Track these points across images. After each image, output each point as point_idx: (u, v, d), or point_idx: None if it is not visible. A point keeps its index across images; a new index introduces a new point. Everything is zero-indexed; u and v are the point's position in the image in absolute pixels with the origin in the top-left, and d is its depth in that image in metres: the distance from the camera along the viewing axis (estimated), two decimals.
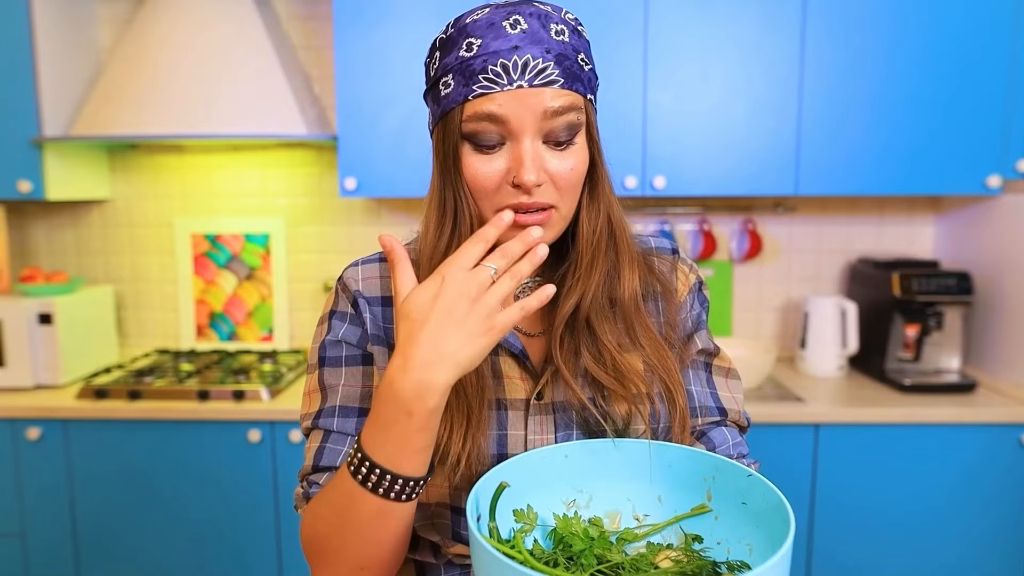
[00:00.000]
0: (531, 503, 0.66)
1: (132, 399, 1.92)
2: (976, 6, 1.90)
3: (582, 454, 0.68)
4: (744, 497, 0.62)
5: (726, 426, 0.77)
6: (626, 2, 1.93)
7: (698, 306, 0.80)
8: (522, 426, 0.71)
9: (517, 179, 0.66)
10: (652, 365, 0.72)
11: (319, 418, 0.73)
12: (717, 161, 1.98)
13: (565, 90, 0.67)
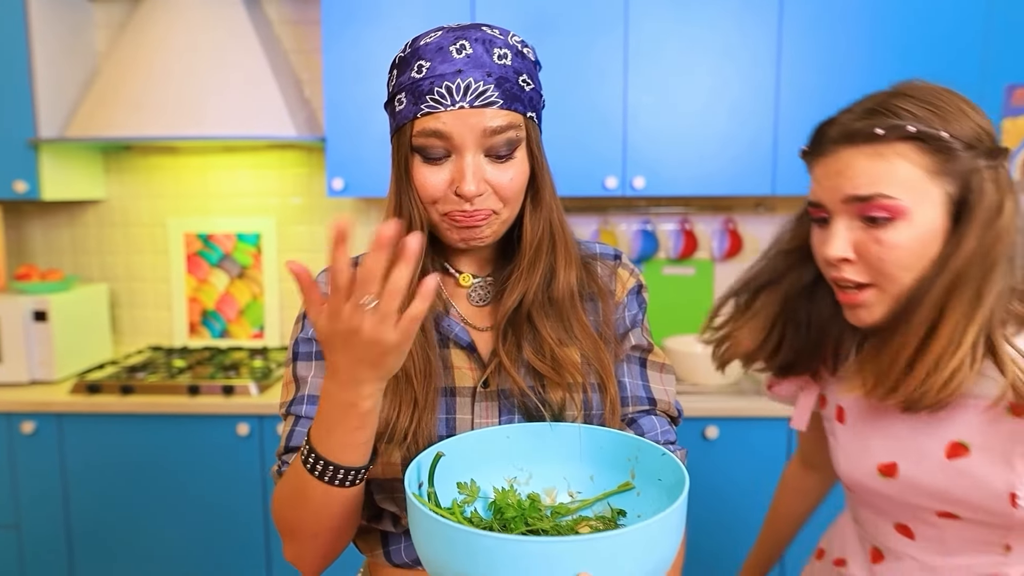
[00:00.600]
0: (475, 478, 0.71)
1: (124, 394, 1.98)
2: (947, 12, 1.95)
3: (523, 436, 0.73)
4: (660, 474, 0.68)
5: (655, 415, 0.82)
6: (607, 8, 1.98)
7: (636, 306, 0.86)
8: (469, 411, 0.77)
9: (459, 190, 0.72)
10: (587, 357, 0.77)
11: (292, 405, 0.80)
12: (696, 162, 2.02)
13: (504, 110, 0.73)
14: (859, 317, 0.80)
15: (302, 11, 2.32)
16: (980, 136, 0.75)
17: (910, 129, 0.73)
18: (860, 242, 0.76)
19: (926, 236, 0.74)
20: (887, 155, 0.74)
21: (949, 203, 0.74)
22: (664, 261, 2.37)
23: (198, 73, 2.06)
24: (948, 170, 0.73)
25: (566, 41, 1.99)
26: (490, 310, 0.82)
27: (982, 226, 0.73)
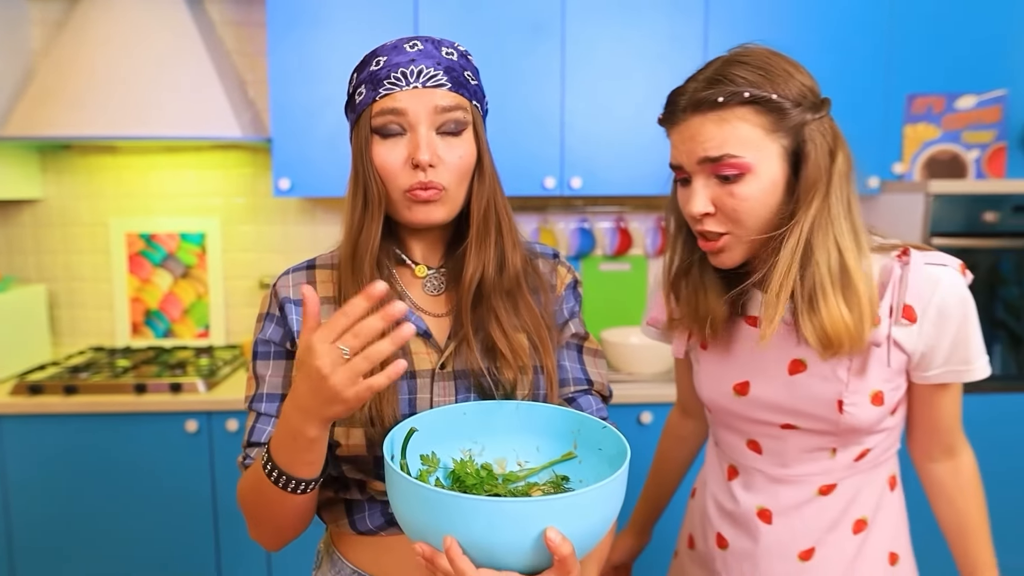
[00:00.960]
0: (435, 451, 0.79)
1: (68, 394, 1.97)
2: (853, 29, 2.12)
3: (477, 412, 0.82)
4: (600, 444, 0.77)
5: (591, 394, 0.93)
6: (544, 18, 2.08)
7: (573, 300, 0.96)
8: (428, 391, 0.85)
9: (415, 159, 0.80)
10: (534, 342, 0.87)
11: (253, 401, 0.88)
12: (630, 163, 2.15)
13: (452, 92, 0.83)
14: (721, 261, 0.91)
15: (245, 13, 2.34)
16: (805, 94, 0.85)
17: (745, 95, 0.83)
18: (716, 196, 0.86)
19: (770, 186, 0.85)
20: (729, 119, 0.84)
21: (786, 155, 0.85)
22: (601, 258, 2.49)
23: (141, 73, 2.06)
24: (781, 126, 0.84)
25: (506, 49, 2.09)
26: (444, 298, 0.90)
27: (820, 170, 0.84)
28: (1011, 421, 2.13)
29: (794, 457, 0.98)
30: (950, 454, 0.99)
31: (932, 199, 2.03)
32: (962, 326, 0.89)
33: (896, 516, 1.01)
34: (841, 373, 0.91)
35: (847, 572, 0.98)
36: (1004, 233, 2.06)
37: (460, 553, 0.61)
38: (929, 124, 2.20)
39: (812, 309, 0.85)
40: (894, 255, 0.90)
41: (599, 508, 0.66)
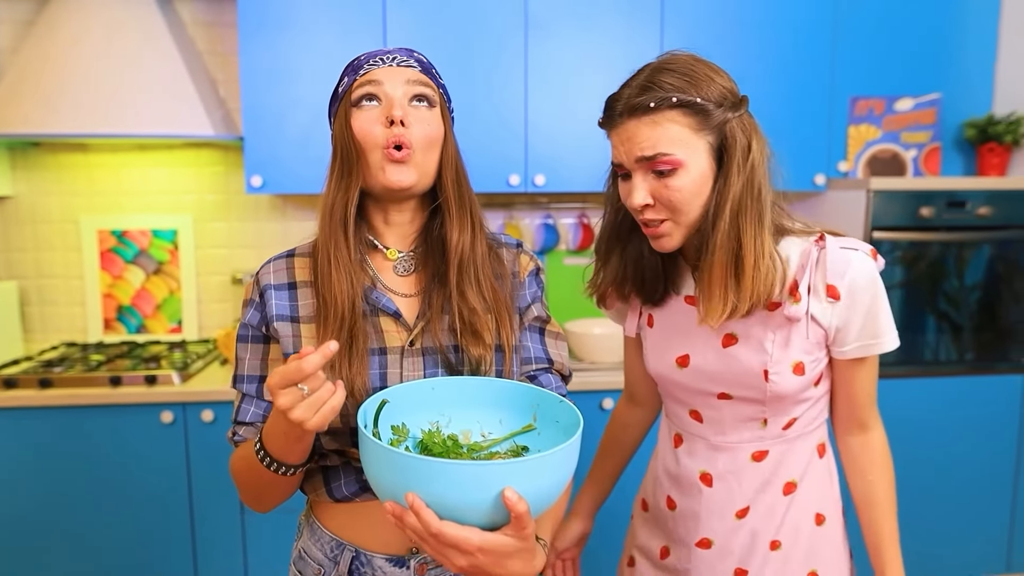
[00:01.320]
0: (405, 422, 0.87)
1: (43, 387, 2.00)
2: (802, 41, 2.25)
3: (444, 387, 0.90)
4: (557, 417, 0.86)
5: (551, 373, 1.01)
6: (509, 23, 2.17)
7: (535, 286, 1.04)
8: (399, 366, 0.93)
9: (390, 116, 0.90)
10: (497, 323, 0.95)
11: (236, 382, 0.96)
12: (591, 160, 2.25)
13: (423, 75, 0.94)
14: (662, 245, 1.01)
15: (216, 13, 2.39)
16: (725, 95, 0.96)
17: (673, 99, 0.93)
18: (654, 189, 0.97)
19: (700, 178, 0.96)
20: (661, 121, 0.94)
21: (711, 150, 0.96)
22: (564, 252, 2.59)
23: (112, 71, 2.10)
24: (706, 126, 0.95)
25: (472, 51, 2.17)
26: (414, 280, 0.98)
27: (740, 162, 0.95)
28: (957, 402, 2.29)
29: (730, 426, 1.09)
30: (863, 429, 1.10)
31: (873, 195, 2.17)
32: (872, 304, 1.00)
33: (823, 481, 1.12)
34: (767, 345, 1.01)
35: (777, 529, 1.09)
36: (939, 227, 2.21)
37: (424, 506, 0.69)
38: (871, 125, 2.34)
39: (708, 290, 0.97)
40: (812, 240, 1.01)
41: (553, 471, 0.74)
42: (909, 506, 2.32)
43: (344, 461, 0.94)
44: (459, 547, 0.70)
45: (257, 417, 0.95)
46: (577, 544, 1.33)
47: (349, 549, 0.94)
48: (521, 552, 0.73)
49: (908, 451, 2.29)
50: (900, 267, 2.22)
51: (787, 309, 1.00)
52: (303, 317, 0.94)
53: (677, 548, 1.16)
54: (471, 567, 0.72)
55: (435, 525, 0.69)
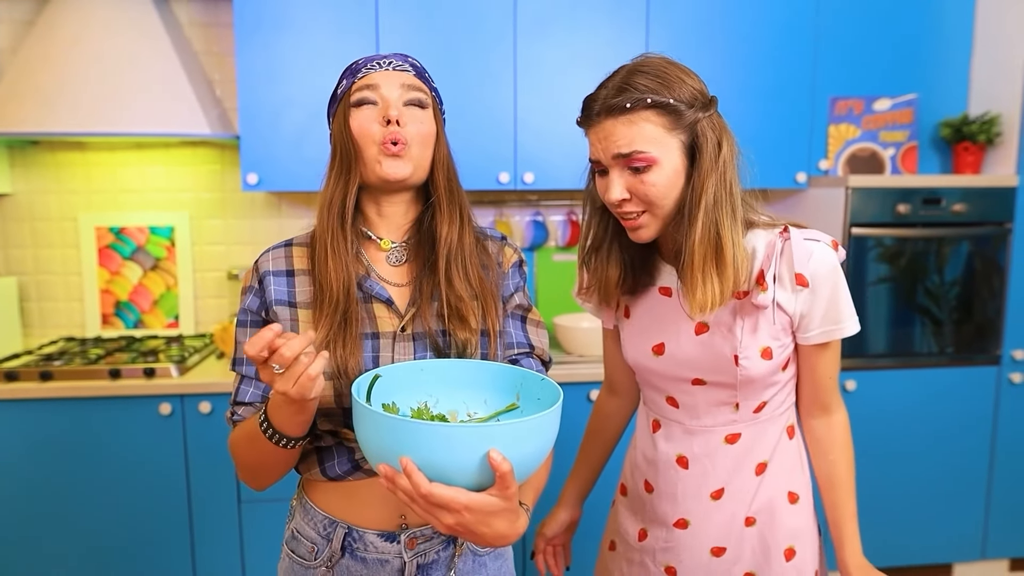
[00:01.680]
0: (395, 401, 0.93)
1: (44, 380, 2.05)
2: (785, 44, 2.32)
3: (433, 369, 0.96)
4: (539, 395, 0.92)
5: (532, 357, 1.07)
6: (498, 25, 2.23)
7: (518, 276, 1.11)
8: (391, 350, 0.99)
9: (386, 116, 0.97)
10: (483, 310, 1.02)
11: (235, 364, 1.02)
12: (579, 159, 2.29)
13: (416, 78, 1.01)
14: (640, 236, 1.07)
15: (212, 14, 2.44)
16: (696, 96, 1.02)
17: (648, 100, 1.00)
18: (630, 184, 1.03)
19: (673, 174, 1.02)
20: (636, 121, 1.00)
21: (683, 148, 1.02)
22: (553, 249, 2.65)
23: (110, 71, 2.15)
24: (678, 125, 1.01)
25: (463, 52, 2.23)
26: (406, 269, 1.04)
27: (711, 159, 1.02)
28: (937, 393, 2.37)
29: (704, 410, 1.15)
30: (826, 411, 1.16)
31: (852, 192, 2.24)
32: (833, 291, 1.06)
33: (793, 461, 1.18)
34: (737, 332, 1.08)
35: (750, 506, 1.15)
36: (916, 223, 2.28)
37: (415, 468, 0.75)
38: (850, 124, 2.41)
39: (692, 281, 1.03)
40: (777, 232, 1.07)
41: (535, 437, 0.80)
42: (888, 494, 2.39)
43: (337, 442, 1.00)
44: (447, 506, 0.76)
45: (256, 397, 1.00)
46: (566, 531, 1.38)
47: (342, 526, 0.99)
48: (505, 512, 0.79)
49: (889, 440, 2.37)
50: (882, 263, 2.29)
51: (755, 297, 1.06)
52: (300, 303, 1.00)
53: (655, 529, 1.22)
54: (458, 525, 0.78)
55: (425, 486, 0.74)
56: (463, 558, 1.01)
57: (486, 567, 1.04)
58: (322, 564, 1.00)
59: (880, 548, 2.41)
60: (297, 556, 1.02)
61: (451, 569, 1.00)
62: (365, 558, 0.98)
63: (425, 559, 0.99)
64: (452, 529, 0.78)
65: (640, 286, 1.18)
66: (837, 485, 1.17)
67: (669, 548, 1.19)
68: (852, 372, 2.31)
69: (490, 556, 1.05)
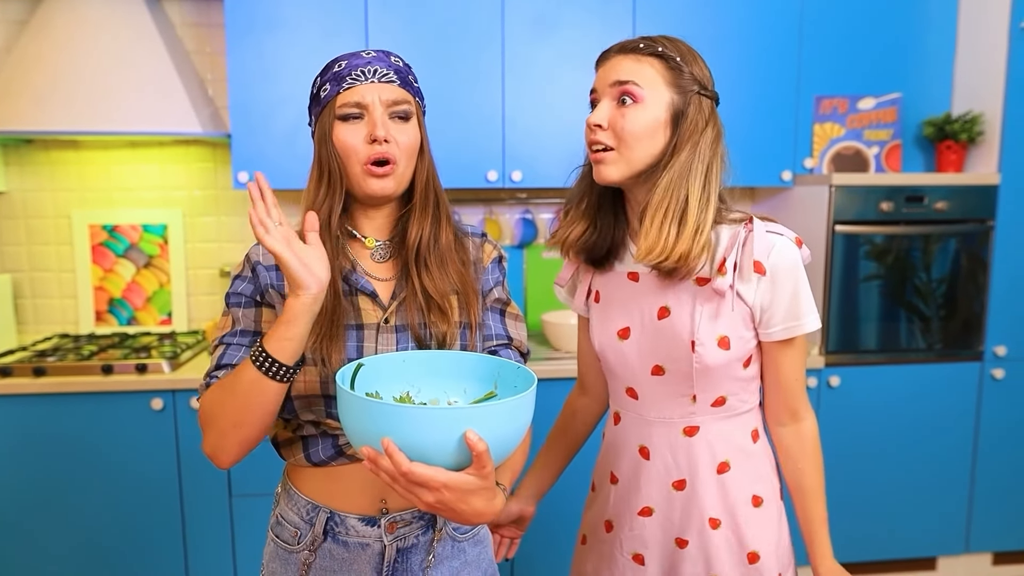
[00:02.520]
0: (379, 390, 0.96)
1: (37, 376, 2.08)
2: (770, 43, 2.35)
3: (414, 359, 0.98)
4: (516, 383, 0.95)
5: (511, 348, 1.11)
6: (486, 25, 2.26)
7: (498, 272, 1.14)
8: (374, 341, 1.02)
9: (373, 135, 0.99)
10: (462, 303, 1.05)
11: (226, 336, 1.03)
12: (566, 157, 2.34)
13: (401, 88, 1.02)
14: (603, 173, 1.10)
15: (204, 14, 2.46)
16: (701, 76, 1.09)
17: (659, 49, 1.08)
18: (612, 117, 1.08)
19: (653, 122, 1.07)
20: (641, 60, 1.07)
21: (672, 107, 1.07)
22: (543, 246, 2.68)
23: (102, 70, 2.18)
24: (676, 83, 1.07)
25: (451, 52, 2.26)
26: (390, 265, 1.08)
27: (693, 128, 1.07)
28: (922, 388, 2.41)
29: (662, 401, 1.17)
30: (795, 418, 1.18)
31: (835, 190, 2.27)
32: (794, 286, 1.09)
33: (758, 464, 1.19)
34: (696, 318, 1.11)
35: (712, 504, 1.17)
36: (899, 221, 2.32)
37: (397, 449, 0.78)
38: (835, 123, 2.45)
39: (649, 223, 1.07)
40: (743, 224, 1.11)
41: (510, 419, 0.83)
42: (872, 488, 2.43)
43: (320, 431, 1.03)
44: (427, 484, 0.79)
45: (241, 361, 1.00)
46: (515, 524, 1.35)
47: (324, 510, 1.02)
48: (482, 490, 0.82)
49: (874, 435, 2.40)
50: (868, 260, 2.32)
51: (714, 283, 1.09)
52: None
53: (620, 519, 1.24)
54: (438, 503, 0.81)
55: (406, 465, 0.78)
56: (442, 543, 1.04)
57: (465, 552, 1.07)
58: (305, 548, 1.02)
59: (864, 542, 2.44)
60: (281, 541, 1.05)
61: (430, 553, 1.03)
62: (347, 542, 1.01)
63: (405, 543, 1.02)
64: (432, 507, 0.81)
65: (608, 259, 1.21)
66: (807, 493, 1.18)
67: (635, 536, 1.21)
68: (837, 368, 2.34)
69: (469, 542, 1.08)
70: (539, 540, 2.25)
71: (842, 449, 2.37)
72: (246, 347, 1.02)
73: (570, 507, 1.50)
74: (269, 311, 1.04)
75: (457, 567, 1.06)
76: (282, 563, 1.04)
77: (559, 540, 2.22)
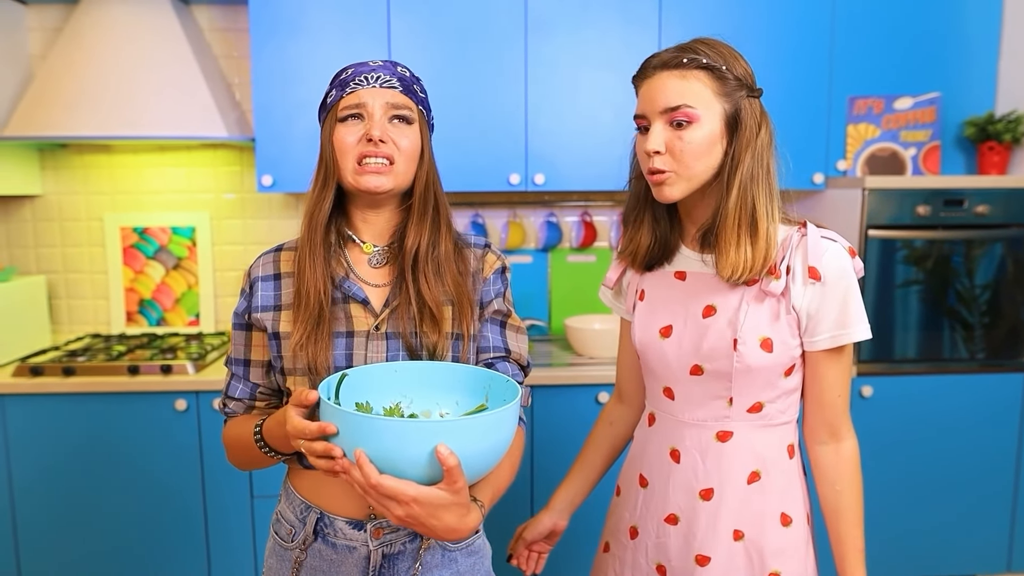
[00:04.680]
0: (369, 400, 0.95)
1: (66, 375, 2.13)
2: (801, 42, 2.28)
3: (406, 370, 0.97)
4: (505, 396, 0.93)
5: (508, 361, 1.09)
6: (509, 26, 2.24)
7: (500, 283, 1.12)
8: (364, 348, 1.02)
9: (369, 133, 0.99)
10: (456, 314, 1.04)
11: (228, 362, 1.10)
12: (589, 159, 2.30)
13: (402, 95, 1.02)
14: (663, 193, 1.08)
15: (231, 19, 2.49)
16: (746, 77, 1.07)
17: (703, 61, 1.05)
18: (669, 140, 1.06)
19: (710, 137, 1.05)
20: (688, 77, 1.05)
21: (725, 117, 1.06)
22: (568, 250, 2.65)
23: (133, 76, 2.22)
24: (725, 93, 1.05)
25: (474, 53, 2.24)
26: (385, 271, 1.07)
27: (750, 134, 1.05)
28: (965, 400, 2.31)
29: (698, 403, 1.15)
30: (836, 437, 1.13)
31: (868, 193, 2.19)
32: (845, 294, 1.06)
33: (791, 481, 1.15)
34: (740, 316, 1.08)
35: (739, 517, 1.13)
36: (937, 225, 2.22)
37: (367, 460, 0.78)
38: (870, 124, 2.36)
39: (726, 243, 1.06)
40: (796, 228, 1.09)
41: (486, 434, 0.82)
42: (911, 502, 2.33)
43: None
44: (396, 498, 0.79)
45: (245, 394, 1.07)
46: (547, 538, 1.34)
47: (315, 511, 1.04)
48: (454, 506, 0.81)
49: (914, 447, 2.31)
50: (907, 265, 2.23)
51: (766, 284, 1.07)
52: (285, 305, 1.05)
53: (645, 524, 1.21)
54: (408, 517, 0.80)
55: (375, 477, 0.77)
56: (430, 551, 1.03)
57: (457, 562, 1.05)
58: (297, 546, 1.04)
59: (903, 558, 2.35)
60: (279, 537, 1.08)
61: (417, 561, 1.02)
62: (335, 543, 1.02)
63: (391, 549, 1.02)
64: (403, 521, 0.81)
65: (658, 264, 1.20)
66: (842, 516, 1.13)
67: (660, 544, 1.19)
68: (870, 378, 2.26)
69: (462, 552, 1.06)
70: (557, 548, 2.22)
71: (876, 462, 2.28)
72: (244, 380, 1.08)
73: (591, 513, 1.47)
74: (259, 335, 1.07)
75: None
76: (278, 559, 1.07)
77: (579, 547, 2.19)
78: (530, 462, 2.20)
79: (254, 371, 1.07)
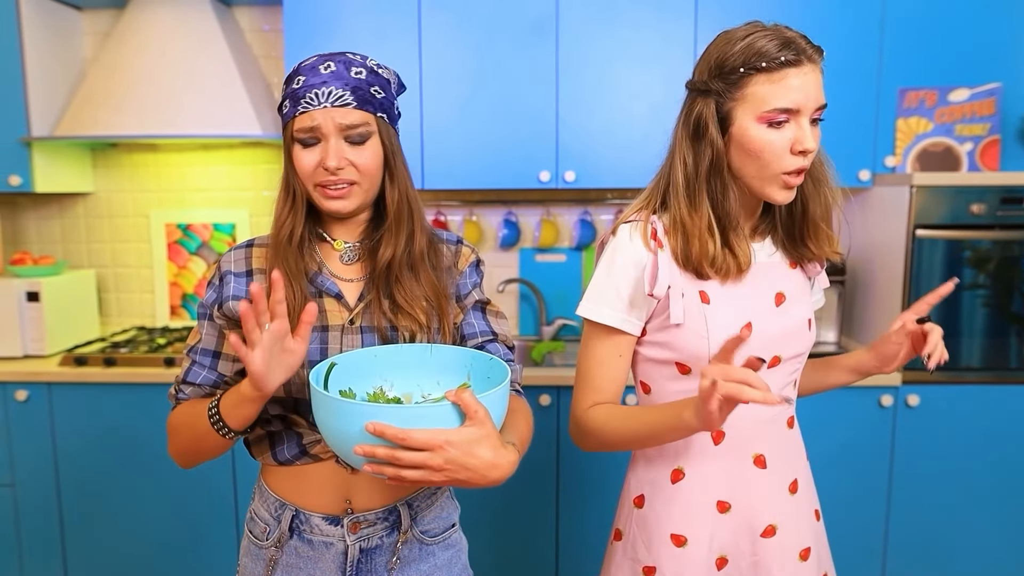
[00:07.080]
0: (352, 387, 0.94)
1: (107, 366, 2.20)
2: (848, 31, 2.18)
3: (386, 354, 0.96)
4: (488, 374, 0.91)
5: (497, 343, 1.07)
6: (540, 19, 2.21)
7: (476, 275, 1.13)
8: (339, 342, 1.01)
9: (325, 164, 0.98)
10: (432, 308, 1.03)
11: (190, 351, 1.06)
12: (621, 157, 2.25)
13: (357, 110, 0.98)
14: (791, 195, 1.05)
15: (271, 20, 2.55)
16: None
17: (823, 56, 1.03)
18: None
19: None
20: (818, 69, 1.03)
21: None
22: None
23: (175, 78, 2.29)
24: None
25: (503, 50, 2.23)
26: (358, 267, 1.07)
27: None
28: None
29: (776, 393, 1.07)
30: None
31: (916, 191, 2.07)
32: None
33: (800, 448, 1.19)
34: (804, 298, 1.13)
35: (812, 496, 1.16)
36: (993, 225, 2.08)
37: (387, 424, 0.77)
38: (922, 117, 2.23)
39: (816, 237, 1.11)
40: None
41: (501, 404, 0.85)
42: (953, 516, 2.19)
43: (286, 427, 1.02)
44: (429, 446, 0.77)
45: (208, 381, 1.03)
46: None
47: (290, 509, 1.02)
48: (486, 438, 0.80)
49: (960, 460, 2.16)
50: (963, 267, 2.10)
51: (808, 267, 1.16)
52: None
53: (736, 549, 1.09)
54: (447, 463, 0.78)
55: (402, 432, 0.76)
56: (408, 544, 1.01)
57: (434, 556, 1.03)
58: (272, 544, 1.03)
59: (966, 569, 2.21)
60: (253, 536, 1.06)
61: (394, 555, 1.00)
62: (311, 540, 1.01)
63: (368, 543, 1.00)
64: (444, 471, 0.79)
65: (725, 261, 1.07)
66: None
67: (757, 562, 1.09)
68: (915, 386, 2.13)
69: (439, 545, 1.05)
70: (570, 543, 2.17)
71: (921, 473, 2.15)
72: (207, 367, 1.04)
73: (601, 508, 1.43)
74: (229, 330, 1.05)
75: (426, 570, 1.03)
76: (252, 558, 1.05)
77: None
78: (556, 459, 2.16)
79: (223, 363, 1.04)
